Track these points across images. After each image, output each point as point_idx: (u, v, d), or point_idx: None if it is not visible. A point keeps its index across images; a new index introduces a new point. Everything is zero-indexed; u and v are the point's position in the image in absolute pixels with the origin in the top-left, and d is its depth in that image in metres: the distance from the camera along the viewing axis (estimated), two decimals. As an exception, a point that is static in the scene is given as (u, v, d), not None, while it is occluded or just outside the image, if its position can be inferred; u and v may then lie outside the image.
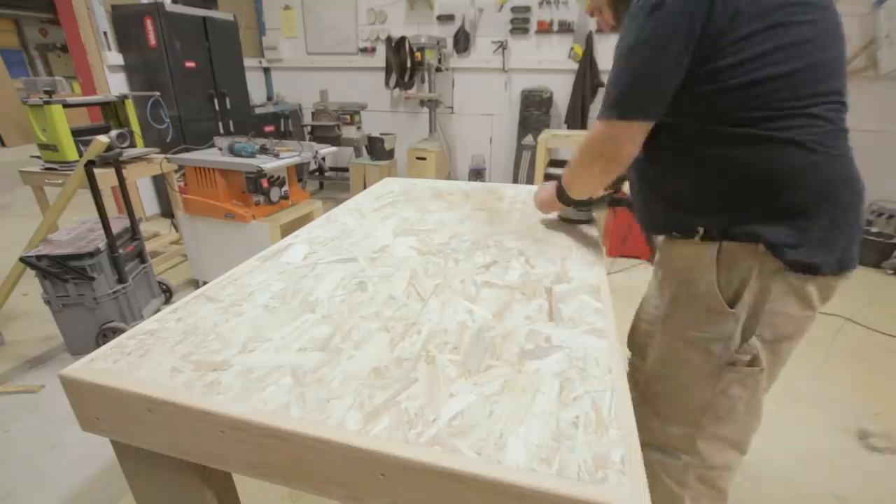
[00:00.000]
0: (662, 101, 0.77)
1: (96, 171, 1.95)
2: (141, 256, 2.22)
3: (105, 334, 1.97)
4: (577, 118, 4.18)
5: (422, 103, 4.54)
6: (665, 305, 0.91)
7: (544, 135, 3.63)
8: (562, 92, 4.26)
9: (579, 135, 3.58)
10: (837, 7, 0.76)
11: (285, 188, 2.38)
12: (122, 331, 1.59)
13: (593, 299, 0.82)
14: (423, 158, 4.25)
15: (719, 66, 0.72)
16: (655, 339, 0.96)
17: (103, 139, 1.88)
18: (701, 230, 0.81)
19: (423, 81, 4.34)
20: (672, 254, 0.90)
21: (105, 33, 3.38)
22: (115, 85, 3.50)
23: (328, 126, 4.41)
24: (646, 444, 0.91)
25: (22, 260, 1.82)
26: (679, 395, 0.89)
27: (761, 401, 0.87)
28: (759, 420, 0.89)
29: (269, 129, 4.41)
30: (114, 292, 1.98)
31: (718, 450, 0.89)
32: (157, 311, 1.27)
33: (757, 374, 0.82)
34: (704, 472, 0.91)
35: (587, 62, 4.05)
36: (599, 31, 4.03)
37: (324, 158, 2.44)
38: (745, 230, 0.77)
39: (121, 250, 2.00)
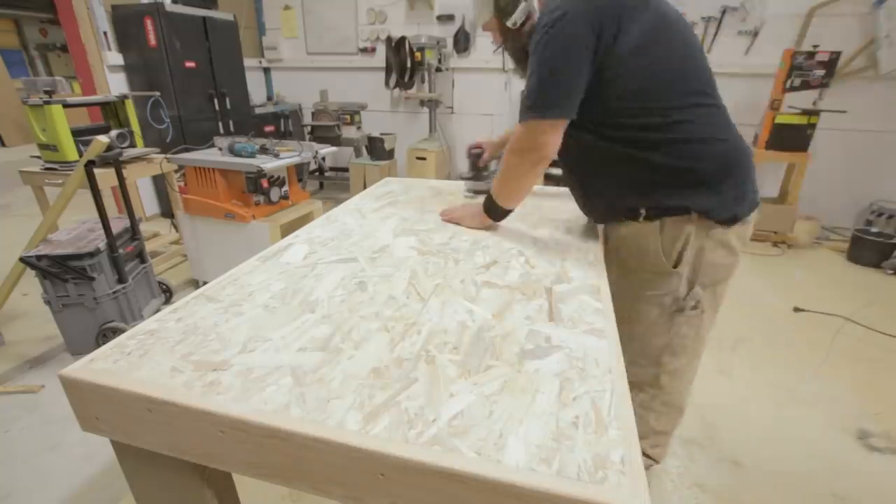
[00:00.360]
0: (572, 99, 0.93)
1: (96, 171, 1.95)
2: (141, 256, 2.22)
3: (105, 334, 1.96)
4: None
5: (422, 103, 4.54)
6: (615, 276, 1.06)
7: (544, 135, 3.62)
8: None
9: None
10: (837, 7, 0.82)
11: (285, 188, 2.38)
12: (122, 331, 1.59)
13: (593, 299, 0.82)
14: (423, 158, 4.25)
15: (607, 77, 0.91)
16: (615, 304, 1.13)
17: (103, 139, 1.88)
18: (643, 212, 0.99)
19: (423, 81, 4.33)
20: (620, 234, 1.06)
21: (105, 33, 3.38)
22: (115, 85, 3.50)
23: (328, 126, 4.41)
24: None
25: (22, 260, 1.82)
26: (642, 342, 1.09)
27: (704, 336, 1.09)
28: (703, 349, 1.12)
29: (269, 129, 4.41)
30: (114, 292, 1.98)
31: (676, 378, 1.12)
32: (157, 311, 1.27)
33: (700, 314, 1.04)
34: (666, 398, 1.15)
35: (587, 62, 4.04)
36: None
37: (324, 158, 2.44)
38: (679, 204, 0.95)
39: (121, 250, 2.00)
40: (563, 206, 1.39)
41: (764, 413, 1.76)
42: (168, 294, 2.48)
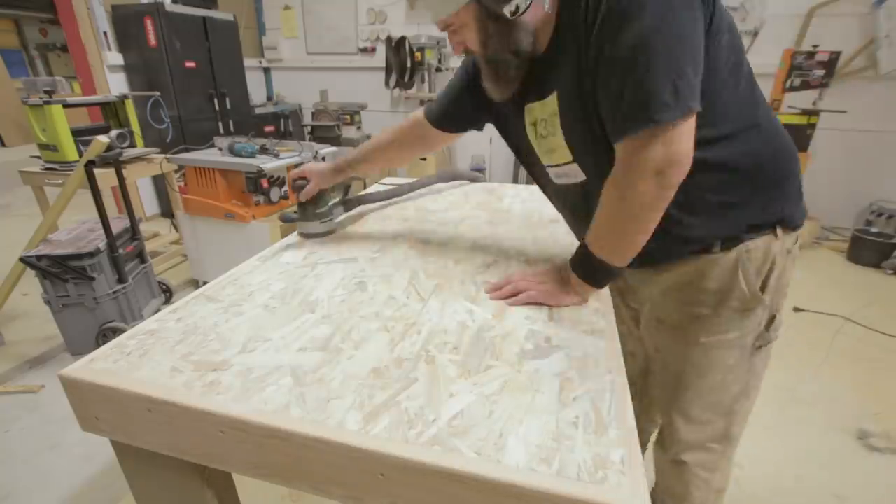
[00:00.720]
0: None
1: (96, 171, 1.95)
2: (141, 256, 2.22)
3: (105, 334, 1.97)
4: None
5: (422, 103, 4.52)
6: (667, 329, 0.88)
7: (544, 135, 3.62)
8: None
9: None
10: (837, 7, 0.79)
11: (285, 188, 2.38)
12: (122, 331, 1.59)
13: (593, 299, 0.82)
14: (423, 158, 4.25)
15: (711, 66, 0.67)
16: (658, 363, 0.95)
17: (103, 139, 1.88)
18: (718, 242, 0.77)
19: (423, 81, 4.33)
20: (679, 275, 0.83)
21: (105, 33, 3.38)
22: (115, 85, 3.50)
23: (328, 126, 4.41)
24: (682, 451, 0.93)
25: (22, 260, 1.82)
26: (714, 395, 0.87)
27: None
28: None
29: (269, 129, 4.41)
30: (114, 292, 1.98)
31: (744, 420, 0.91)
32: (157, 311, 1.27)
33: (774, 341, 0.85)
34: (734, 450, 0.94)
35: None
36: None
37: (324, 158, 2.44)
38: (762, 220, 0.77)
39: (121, 250, 2.00)
40: (563, 206, 1.38)
41: (764, 413, 1.76)
42: (168, 294, 2.48)
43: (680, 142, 0.64)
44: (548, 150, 0.85)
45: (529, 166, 0.97)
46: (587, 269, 0.78)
